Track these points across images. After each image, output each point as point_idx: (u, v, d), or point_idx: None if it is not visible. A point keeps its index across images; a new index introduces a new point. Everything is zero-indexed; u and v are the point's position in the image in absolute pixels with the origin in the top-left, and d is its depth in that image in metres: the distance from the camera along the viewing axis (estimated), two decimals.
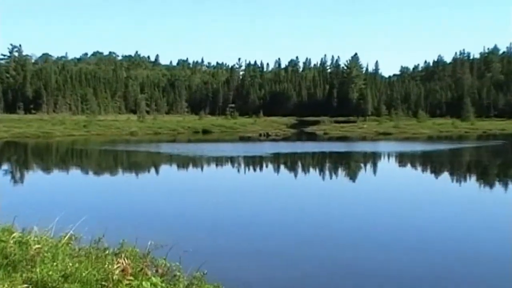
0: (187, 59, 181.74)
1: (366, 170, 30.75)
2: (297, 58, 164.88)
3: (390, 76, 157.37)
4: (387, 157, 38.89)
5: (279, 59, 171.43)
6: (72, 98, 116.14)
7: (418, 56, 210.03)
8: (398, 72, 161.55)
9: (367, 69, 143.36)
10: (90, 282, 5.19)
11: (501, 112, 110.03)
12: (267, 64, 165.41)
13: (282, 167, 32.40)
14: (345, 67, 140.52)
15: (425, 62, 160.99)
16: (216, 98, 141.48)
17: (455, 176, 27.61)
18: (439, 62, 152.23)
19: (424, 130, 71.27)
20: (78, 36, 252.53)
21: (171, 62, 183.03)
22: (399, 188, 22.94)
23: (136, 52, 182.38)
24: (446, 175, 28.21)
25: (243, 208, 17.26)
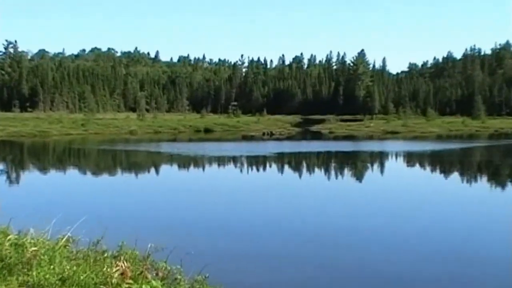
0: (188, 55, 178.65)
1: (372, 171, 30.15)
2: (301, 54, 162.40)
3: (398, 73, 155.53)
4: (394, 156, 38.34)
5: (283, 55, 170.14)
6: (69, 96, 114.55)
7: (427, 52, 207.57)
8: (406, 69, 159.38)
9: (374, 65, 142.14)
10: (88, 285, 5.20)
11: None
12: (271, 60, 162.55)
13: (286, 167, 31.91)
14: (351, 64, 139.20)
15: (434, 58, 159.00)
16: (218, 96, 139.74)
17: (465, 177, 27.06)
18: (449, 58, 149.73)
19: (433, 128, 70.36)
20: (76, 32, 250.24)
21: (171, 59, 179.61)
22: (406, 189, 22.52)
23: (136, 48, 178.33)
24: (456, 176, 27.66)
25: (246, 209, 17.24)
